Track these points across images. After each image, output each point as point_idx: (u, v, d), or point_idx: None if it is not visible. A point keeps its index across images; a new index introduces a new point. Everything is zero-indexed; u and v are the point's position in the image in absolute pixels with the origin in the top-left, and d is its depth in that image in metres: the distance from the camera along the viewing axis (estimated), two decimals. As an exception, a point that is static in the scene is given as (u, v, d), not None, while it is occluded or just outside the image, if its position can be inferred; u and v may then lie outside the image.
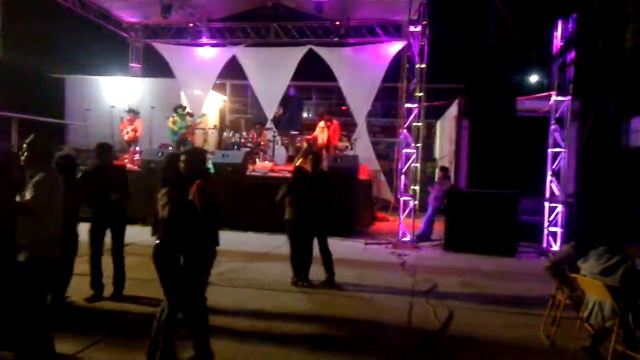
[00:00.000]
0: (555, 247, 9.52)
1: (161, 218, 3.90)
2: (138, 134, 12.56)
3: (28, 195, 3.47)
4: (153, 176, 7.06)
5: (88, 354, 4.27)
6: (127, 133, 12.70)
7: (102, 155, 5.99)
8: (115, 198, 5.74)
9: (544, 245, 9.84)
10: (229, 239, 4.48)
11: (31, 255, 3.55)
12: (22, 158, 3.64)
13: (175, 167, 4.14)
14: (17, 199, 3.57)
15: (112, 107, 13.75)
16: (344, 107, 17.55)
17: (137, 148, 12.87)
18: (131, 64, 16.45)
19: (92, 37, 17.84)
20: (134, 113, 12.92)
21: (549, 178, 9.89)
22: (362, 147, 14.21)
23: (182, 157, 4.18)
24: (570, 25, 8.27)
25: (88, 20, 14.74)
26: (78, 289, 5.64)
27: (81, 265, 6.33)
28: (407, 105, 10.55)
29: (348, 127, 16.40)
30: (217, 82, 17.61)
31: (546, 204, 9.88)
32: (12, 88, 14.62)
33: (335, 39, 14.85)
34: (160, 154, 11.57)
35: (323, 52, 15.41)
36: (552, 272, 4.81)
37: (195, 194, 3.97)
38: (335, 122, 12.53)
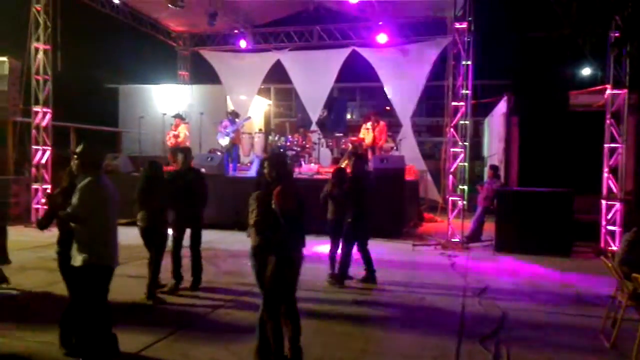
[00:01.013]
0: (614, 247, 9.13)
1: (250, 222, 4.09)
2: (180, 139, 12.87)
3: (74, 202, 3.66)
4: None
5: (154, 351, 4.44)
6: (170, 139, 13.10)
7: (186, 160, 6.42)
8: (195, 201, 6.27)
9: (602, 244, 9.45)
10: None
11: (86, 261, 3.71)
12: (73, 167, 3.84)
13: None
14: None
15: (164, 114, 14.21)
16: (388, 108, 17.44)
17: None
18: (180, 72, 16.98)
19: (142, 47, 18.56)
20: (179, 118, 13.27)
21: (605, 175, 9.50)
22: (408, 147, 14.10)
23: (265, 163, 4.20)
24: (625, 16, 7.94)
25: (138, 30, 15.33)
26: (137, 291, 5.87)
27: (138, 268, 6.61)
28: (454, 103, 10.39)
29: (393, 127, 16.30)
30: (262, 86, 17.93)
31: (603, 202, 9.50)
32: (70, 99, 15.38)
33: (378, 40, 14.78)
34: (209, 158, 11.88)
35: (366, 53, 15.40)
36: (627, 265, 4.59)
37: (276, 199, 3.93)
38: (382, 123, 12.49)
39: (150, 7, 14.36)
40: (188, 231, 6.38)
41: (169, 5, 12.38)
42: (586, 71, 19.33)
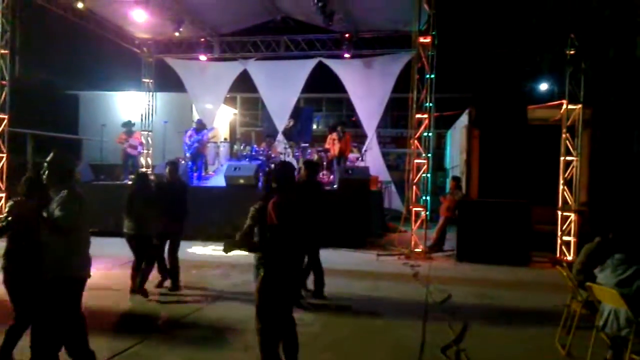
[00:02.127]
0: (569, 257, 9.45)
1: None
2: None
3: (58, 212, 3.49)
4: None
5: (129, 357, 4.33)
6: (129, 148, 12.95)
7: (172, 172, 6.95)
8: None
9: (558, 254, 9.76)
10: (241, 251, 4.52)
11: (61, 274, 3.57)
12: (44, 177, 3.67)
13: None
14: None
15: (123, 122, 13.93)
16: (353, 119, 17.62)
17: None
18: (144, 79, 16.68)
19: (105, 53, 18.18)
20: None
21: (561, 187, 9.85)
22: (373, 158, 14.26)
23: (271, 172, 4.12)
24: (581, 34, 8.31)
25: (101, 36, 15.00)
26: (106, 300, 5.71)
27: (100, 279, 6.45)
28: (418, 115, 10.59)
29: (358, 138, 16.46)
30: (228, 95, 17.81)
31: (559, 213, 9.83)
32: (27, 105, 14.90)
33: (345, 51, 14.94)
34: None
35: (333, 64, 15.55)
36: (583, 274, 4.73)
37: (270, 211, 3.78)
38: (347, 134, 12.61)
39: (114, 13, 14.08)
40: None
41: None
42: (544, 86, 20.06)
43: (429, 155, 10.68)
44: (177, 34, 14.13)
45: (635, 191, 10.22)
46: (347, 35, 14.76)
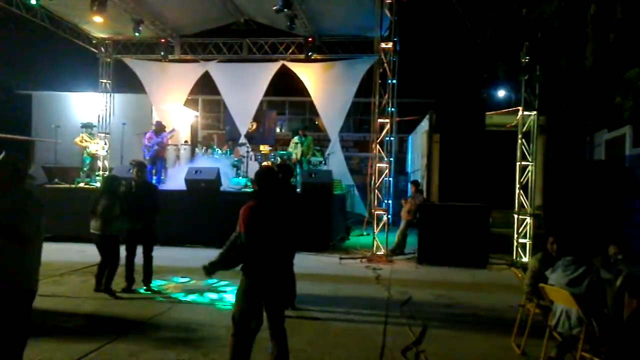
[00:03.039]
0: (525, 259, 9.74)
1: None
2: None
3: (19, 219, 3.19)
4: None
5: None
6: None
7: (140, 173, 6.94)
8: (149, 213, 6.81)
9: (514, 256, 10.05)
10: (201, 255, 4.44)
11: (14, 286, 3.27)
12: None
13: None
14: None
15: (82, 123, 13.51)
16: (317, 122, 17.68)
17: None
18: (101, 80, 16.24)
19: (60, 52, 17.60)
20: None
21: (517, 191, 10.15)
22: (336, 162, 14.32)
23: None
24: (534, 44, 8.60)
25: (56, 35, 14.52)
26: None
27: (50, 286, 6.25)
28: (380, 120, 10.71)
29: (321, 141, 16.53)
30: (189, 97, 17.54)
31: (515, 216, 10.12)
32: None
33: (308, 55, 14.99)
34: (130, 170, 11.41)
35: (296, 67, 15.57)
36: (532, 289, 4.91)
37: (240, 216, 3.72)
38: (309, 137, 12.63)
39: (70, 11, 13.66)
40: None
41: (94, 9, 11.81)
42: (501, 93, 20.65)
43: (391, 159, 10.81)
44: (136, 34, 13.85)
45: (586, 196, 10.63)
46: (310, 39, 14.81)
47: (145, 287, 6.91)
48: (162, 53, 15.44)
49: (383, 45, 10.84)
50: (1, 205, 3.22)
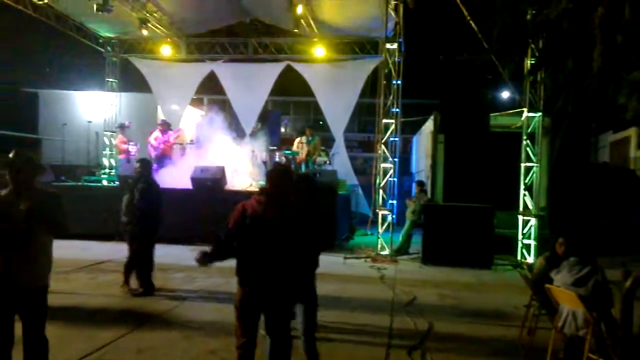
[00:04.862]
0: (529, 259, 9.76)
1: None
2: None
3: (58, 212, 3.33)
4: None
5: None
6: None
7: (145, 170, 6.86)
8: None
9: (519, 257, 10.07)
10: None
11: (45, 282, 3.40)
12: (17, 174, 3.31)
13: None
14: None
15: (89, 122, 13.60)
16: (321, 122, 17.73)
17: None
18: (108, 79, 16.32)
19: (67, 51, 17.69)
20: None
21: (522, 192, 10.16)
22: (341, 162, 14.36)
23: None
24: (540, 45, 8.63)
25: (63, 34, 14.60)
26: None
27: (59, 283, 6.32)
28: (384, 120, 10.75)
29: (326, 142, 16.55)
30: (195, 97, 17.60)
31: (520, 217, 10.14)
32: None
33: (313, 56, 15.02)
34: (135, 168, 11.48)
35: (301, 68, 15.59)
36: (535, 287, 4.94)
37: (233, 211, 3.54)
38: (316, 137, 12.70)
39: (76, 10, 13.74)
40: None
41: (97, 11, 11.88)
42: (506, 94, 20.65)
43: (396, 159, 10.85)
44: (144, 32, 13.90)
45: (591, 197, 10.65)
46: (315, 39, 14.85)
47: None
48: (168, 52, 15.50)
49: (388, 46, 10.88)
50: (37, 203, 3.22)
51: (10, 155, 3.32)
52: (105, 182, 13.47)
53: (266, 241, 3.42)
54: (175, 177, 11.77)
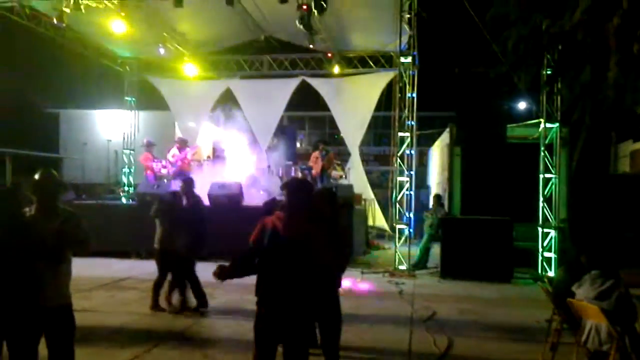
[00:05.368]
0: (550, 273, 9.59)
1: None
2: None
3: (82, 229, 3.40)
4: (149, 209, 7.13)
5: None
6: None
7: (189, 188, 6.95)
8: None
9: (539, 271, 9.90)
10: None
11: (70, 300, 3.43)
12: (45, 194, 3.40)
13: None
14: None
15: (109, 140, 13.83)
16: (336, 136, 17.79)
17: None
18: (126, 97, 16.62)
19: (86, 71, 18.07)
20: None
21: (541, 204, 10.03)
22: (356, 176, 14.35)
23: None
24: (556, 56, 8.58)
25: (82, 54, 14.93)
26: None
27: (80, 301, 6.38)
28: (400, 133, 10.74)
29: (341, 156, 16.57)
30: (211, 113, 17.80)
31: (539, 230, 9.99)
32: (5, 123, 14.71)
33: (327, 70, 15.14)
34: (156, 186, 11.63)
35: (315, 82, 15.70)
36: (556, 301, 4.85)
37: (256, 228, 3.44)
38: (330, 152, 12.74)
39: (95, 32, 14.06)
40: None
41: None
42: (522, 105, 20.50)
43: (412, 172, 10.81)
44: (162, 51, 14.15)
45: (611, 208, 10.46)
46: (329, 54, 14.96)
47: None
48: (185, 71, 15.74)
49: (402, 59, 10.91)
50: (64, 222, 3.32)
51: (37, 175, 3.40)
52: (124, 200, 13.65)
53: (284, 260, 3.27)
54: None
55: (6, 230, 3.18)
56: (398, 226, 10.45)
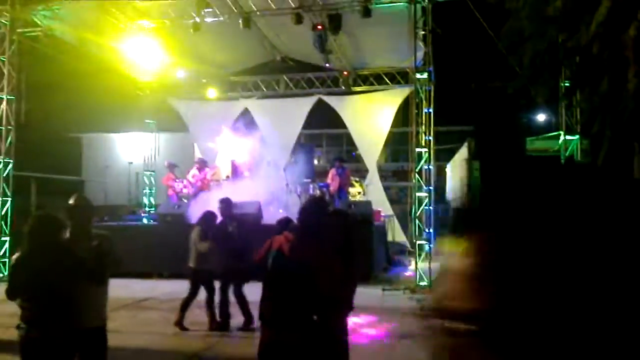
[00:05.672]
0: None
1: None
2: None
3: (113, 252, 3.54)
4: (170, 230, 7.23)
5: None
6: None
7: (227, 209, 7.10)
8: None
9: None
10: (248, 291, 4.53)
11: (103, 322, 3.56)
12: (81, 217, 3.57)
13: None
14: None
15: (130, 163, 14.07)
16: (353, 154, 17.84)
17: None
18: (146, 120, 16.92)
19: (107, 95, 18.47)
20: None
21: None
22: (375, 192, 14.34)
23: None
24: (573, 70, 8.52)
25: (103, 79, 15.29)
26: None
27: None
28: (417, 149, 10.73)
29: (360, 172, 16.59)
30: (230, 133, 18.00)
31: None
32: (31, 148, 15.08)
33: (344, 88, 15.26)
34: (176, 206, 11.78)
35: (332, 100, 15.83)
36: None
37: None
38: (347, 169, 12.78)
39: (114, 56, 14.42)
40: None
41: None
42: (541, 117, 20.31)
43: (430, 188, 10.76)
44: (181, 73, 14.43)
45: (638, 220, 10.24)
46: (345, 73, 15.09)
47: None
48: (203, 92, 16.03)
49: (418, 75, 10.94)
50: (100, 245, 3.47)
51: (71, 200, 3.58)
52: (145, 221, 13.83)
53: (286, 283, 3.07)
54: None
55: (49, 254, 3.26)
56: (418, 242, 10.37)
